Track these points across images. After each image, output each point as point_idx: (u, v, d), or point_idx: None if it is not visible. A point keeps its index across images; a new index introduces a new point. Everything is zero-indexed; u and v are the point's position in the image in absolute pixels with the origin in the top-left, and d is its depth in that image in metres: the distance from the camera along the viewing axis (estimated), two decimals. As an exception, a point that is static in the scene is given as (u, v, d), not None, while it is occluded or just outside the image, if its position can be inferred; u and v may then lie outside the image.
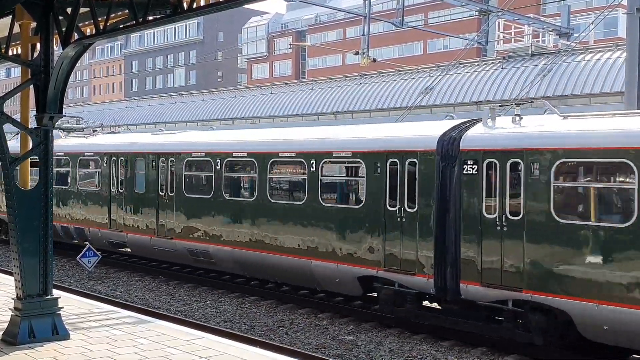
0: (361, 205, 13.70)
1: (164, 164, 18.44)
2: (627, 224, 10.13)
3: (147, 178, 18.95)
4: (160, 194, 18.47)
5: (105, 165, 20.48)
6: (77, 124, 26.42)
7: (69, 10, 9.42)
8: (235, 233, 16.34)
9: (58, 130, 22.94)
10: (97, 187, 20.80)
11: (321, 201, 14.53)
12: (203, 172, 17.49)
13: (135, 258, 21.21)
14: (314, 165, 14.63)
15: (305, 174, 14.83)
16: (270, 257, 15.48)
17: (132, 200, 19.54)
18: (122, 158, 19.92)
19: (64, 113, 9.95)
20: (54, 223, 20.28)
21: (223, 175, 16.74)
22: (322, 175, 14.53)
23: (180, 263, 19.01)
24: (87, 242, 19.26)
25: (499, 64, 28.69)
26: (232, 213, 16.48)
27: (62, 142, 22.80)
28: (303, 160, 14.90)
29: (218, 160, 16.90)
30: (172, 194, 18.08)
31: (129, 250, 20.83)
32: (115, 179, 20.12)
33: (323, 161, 14.53)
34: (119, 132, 25.40)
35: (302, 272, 14.82)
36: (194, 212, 17.51)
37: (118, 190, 19.97)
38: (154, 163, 18.75)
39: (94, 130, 24.65)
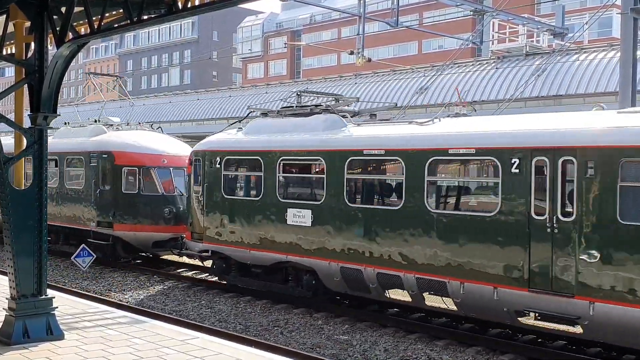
0: None
1: None
2: None
3: None
4: None
5: (515, 171, 11.23)
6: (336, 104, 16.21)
7: (63, 9, 9.42)
8: None
9: (337, 115, 14.94)
10: (494, 210, 11.50)
11: None
12: None
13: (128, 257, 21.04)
14: None
15: None
16: None
17: (615, 239, 10.10)
18: (573, 158, 10.60)
19: (58, 112, 9.96)
20: (324, 261, 14.12)
21: None
22: None
23: None
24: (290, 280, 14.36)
25: (493, 64, 28.80)
26: None
27: (374, 132, 13.79)
28: None
29: None
30: None
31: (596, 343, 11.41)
32: (551, 196, 10.87)
33: None
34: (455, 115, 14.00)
35: None
36: None
37: (557, 217, 10.75)
38: None
39: (371, 114, 15.85)
